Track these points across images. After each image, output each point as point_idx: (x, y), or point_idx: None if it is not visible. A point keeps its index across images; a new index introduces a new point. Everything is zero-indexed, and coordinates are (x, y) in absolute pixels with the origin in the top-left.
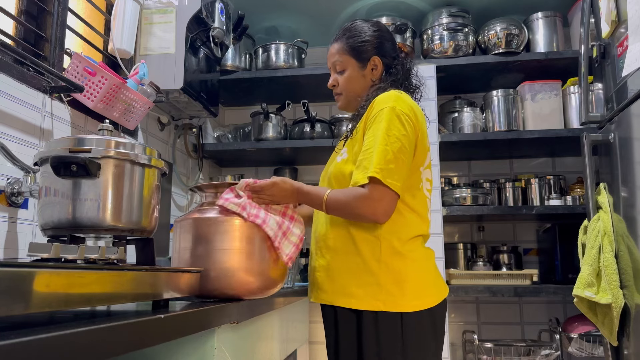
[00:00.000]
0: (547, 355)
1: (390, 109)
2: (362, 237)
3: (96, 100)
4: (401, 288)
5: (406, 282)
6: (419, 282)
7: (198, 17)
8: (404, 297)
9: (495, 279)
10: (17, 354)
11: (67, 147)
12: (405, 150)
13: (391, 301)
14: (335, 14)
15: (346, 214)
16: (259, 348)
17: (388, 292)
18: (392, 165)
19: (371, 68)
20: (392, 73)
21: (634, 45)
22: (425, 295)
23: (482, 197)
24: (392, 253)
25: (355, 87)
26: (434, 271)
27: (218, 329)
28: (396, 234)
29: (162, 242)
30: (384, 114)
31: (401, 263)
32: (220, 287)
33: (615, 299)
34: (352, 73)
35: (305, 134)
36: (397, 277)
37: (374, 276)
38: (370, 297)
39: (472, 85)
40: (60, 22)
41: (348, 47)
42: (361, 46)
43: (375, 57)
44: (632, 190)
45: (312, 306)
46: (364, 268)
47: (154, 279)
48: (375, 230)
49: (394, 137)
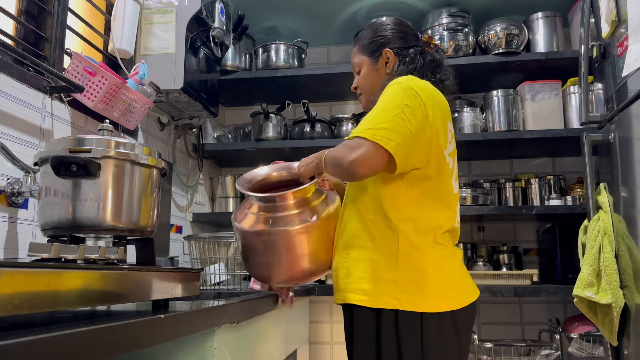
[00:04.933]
0: (547, 355)
1: (396, 83)
2: (378, 230)
3: (96, 100)
4: (420, 286)
5: (426, 280)
6: (440, 281)
7: (198, 17)
8: (423, 296)
9: (495, 279)
10: (17, 354)
11: (67, 147)
12: (405, 117)
13: (409, 300)
14: (335, 14)
15: (333, 166)
16: (259, 348)
17: (406, 289)
18: (385, 125)
19: (384, 62)
20: (407, 62)
21: (634, 45)
22: (447, 296)
23: (482, 197)
24: (411, 248)
25: (371, 83)
26: (459, 270)
27: (218, 329)
28: (415, 227)
29: (162, 242)
30: (387, 90)
31: (420, 258)
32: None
33: (616, 299)
34: (367, 70)
35: (306, 134)
36: (415, 274)
37: (391, 272)
38: (386, 295)
39: (472, 85)
40: (61, 22)
41: (361, 46)
42: (371, 42)
43: (386, 50)
44: (632, 190)
45: (312, 306)
46: (381, 263)
47: (154, 279)
48: (393, 223)
49: (392, 104)
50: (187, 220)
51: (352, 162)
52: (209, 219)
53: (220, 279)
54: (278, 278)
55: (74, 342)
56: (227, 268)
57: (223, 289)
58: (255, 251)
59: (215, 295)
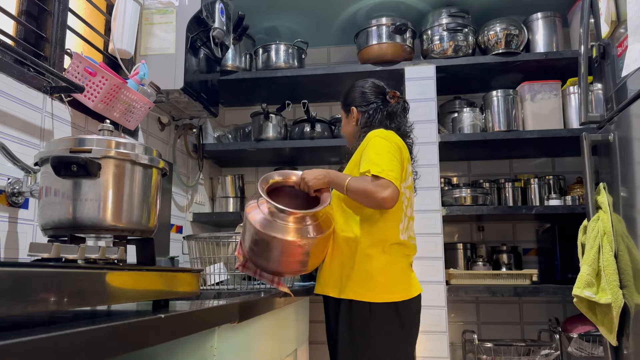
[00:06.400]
0: (547, 355)
1: (377, 136)
2: (345, 240)
3: (96, 101)
4: (369, 283)
5: (373, 279)
6: (385, 280)
7: (198, 18)
8: (372, 290)
9: (495, 278)
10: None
11: (68, 147)
12: (393, 157)
13: (361, 293)
14: (335, 14)
15: (362, 196)
16: (259, 348)
17: (358, 285)
18: (396, 172)
19: (353, 117)
20: (367, 117)
21: (634, 46)
22: (390, 291)
23: (482, 197)
24: (365, 254)
25: (348, 131)
26: (401, 272)
27: (218, 329)
28: (370, 239)
29: (162, 242)
30: (372, 140)
31: (369, 263)
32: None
33: (615, 298)
34: (344, 121)
35: (305, 134)
36: (366, 275)
37: (352, 271)
38: (348, 289)
39: (472, 85)
40: (61, 23)
41: (341, 103)
42: (344, 102)
43: (352, 108)
44: (632, 190)
45: (312, 306)
46: (346, 264)
47: (154, 279)
48: (355, 235)
49: (384, 149)
50: (187, 220)
51: (385, 199)
52: (209, 219)
53: (220, 279)
54: (267, 269)
55: (74, 342)
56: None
57: (223, 289)
58: (255, 242)
59: (215, 295)
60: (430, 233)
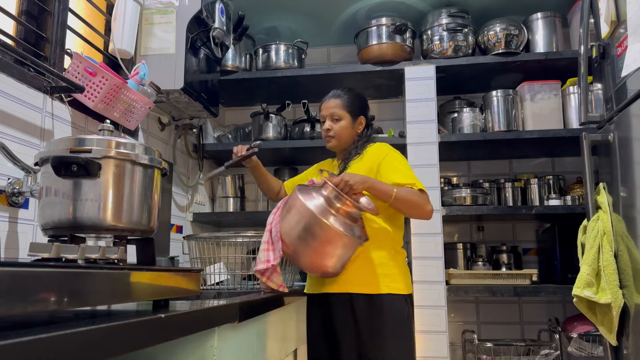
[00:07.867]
0: (547, 355)
1: (392, 150)
2: (379, 240)
3: (97, 101)
4: (404, 279)
5: (403, 275)
6: (407, 276)
7: (198, 18)
8: (407, 285)
9: (495, 278)
10: (17, 354)
11: (68, 147)
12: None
13: (398, 288)
14: (335, 14)
15: (411, 207)
16: (259, 348)
17: (395, 281)
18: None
19: (359, 124)
20: (367, 129)
21: (634, 46)
22: (410, 285)
23: (482, 197)
24: (395, 251)
25: (347, 135)
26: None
27: (218, 329)
28: (397, 239)
29: (162, 242)
30: (393, 154)
31: (400, 261)
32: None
33: (615, 298)
34: (346, 124)
35: (305, 134)
36: (398, 271)
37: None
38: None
39: (472, 85)
40: (61, 23)
41: (345, 104)
42: (355, 106)
43: (362, 117)
44: (632, 190)
45: None
46: (381, 263)
47: (154, 278)
48: (390, 234)
49: (407, 165)
50: (187, 220)
51: (431, 212)
52: (209, 219)
53: (220, 279)
54: (303, 258)
55: (74, 342)
56: (227, 268)
57: (223, 288)
58: (305, 227)
59: (215, 295)
60: (430, 233)
